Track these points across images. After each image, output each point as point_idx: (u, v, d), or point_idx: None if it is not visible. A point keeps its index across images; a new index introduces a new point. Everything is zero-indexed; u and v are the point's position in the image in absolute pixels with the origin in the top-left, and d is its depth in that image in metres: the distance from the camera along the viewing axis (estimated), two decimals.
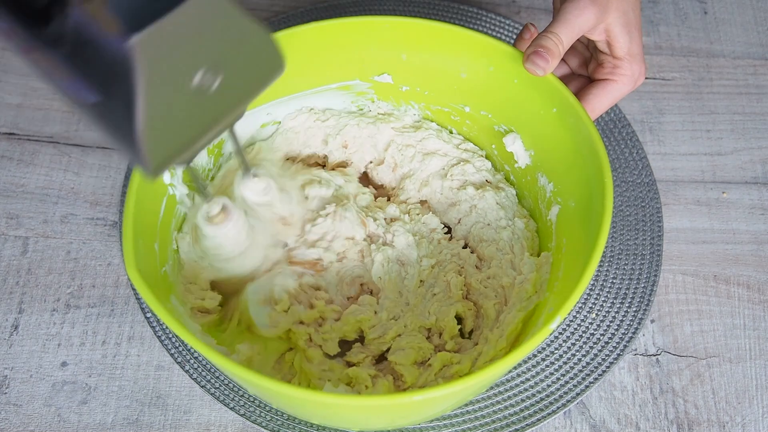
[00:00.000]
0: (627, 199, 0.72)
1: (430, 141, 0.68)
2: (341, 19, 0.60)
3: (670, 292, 0.68)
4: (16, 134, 0.75)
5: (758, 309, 0.67)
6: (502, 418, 0.61)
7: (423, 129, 0.68)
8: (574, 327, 0.65)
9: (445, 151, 0.68)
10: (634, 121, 0.77)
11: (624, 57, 0.58)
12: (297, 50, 0.59)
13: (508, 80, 0.60)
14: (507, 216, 0.64)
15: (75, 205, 0.71)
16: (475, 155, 0.68)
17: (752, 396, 0.63)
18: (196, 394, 0.62)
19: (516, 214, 0.65)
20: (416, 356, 0.58)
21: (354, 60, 0.64)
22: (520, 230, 0.63)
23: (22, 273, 0.67)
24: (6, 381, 0.62)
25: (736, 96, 0.79)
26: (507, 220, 0.64)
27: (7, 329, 0.65)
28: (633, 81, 0.59)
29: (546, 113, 0.59)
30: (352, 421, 0.55)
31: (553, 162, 0.61)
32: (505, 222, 0.64)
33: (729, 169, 0.75)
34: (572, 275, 0.52)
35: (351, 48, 0.62)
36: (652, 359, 0.65)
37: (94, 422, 0.61)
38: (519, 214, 0.65)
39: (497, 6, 0.85)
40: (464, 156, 0.68)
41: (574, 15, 0.55)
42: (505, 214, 0.64)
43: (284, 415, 0.61)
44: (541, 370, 0.63)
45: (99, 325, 0.65)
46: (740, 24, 0.84)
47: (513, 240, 0.63)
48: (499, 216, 0.64)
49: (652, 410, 0.62)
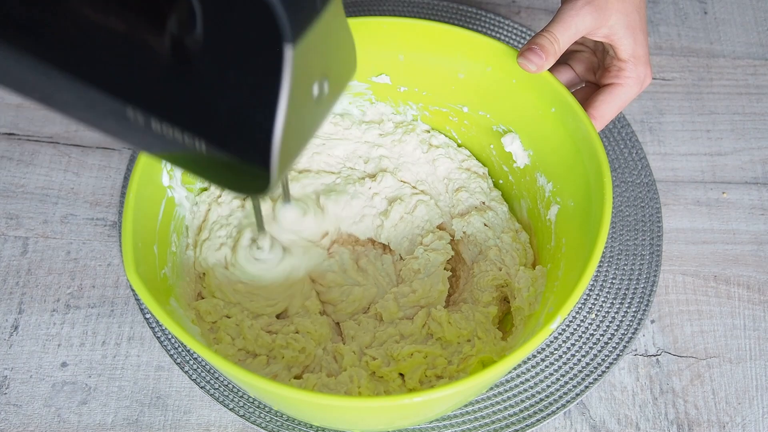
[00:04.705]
0: (627, 199, 0.72)
1: (441, 161, 0.68)
2: None
3: (670, 292, 0.68)
4: (16, 134, 0.75)
5: (758, 309, 0.67)
6: (502, 418, 0.61)
7: (433, 147, 0.69)
8: (574, 327, 0.65)
9: (448, 175, 0.68)
10: (634, 121, 0.77)
11: (628, 59, 0.58)
12: None
13: (506, 80, 0.60)
14: (495, 234, 0.65)
15: (75, 205, 0.71)
16: (472, 177, 0.68)
17: (752, 396, 0.63)
18: (196, 395, 0.62)
19: (504, 230, 0.65)
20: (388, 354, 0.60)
21: None
22: (507, 244, 0.64)
23: (22, 273, 0.67)
24: (6, 381, 0.62)
25: (736, 96, 0.79)
26: (494, 239, 0.64)
27: (7, 329, 0.65)
28: (639, 83, 0.59)
29: (545, 113, 0.59)
30: (352, 422, 0.55)
31: (551, 162, 0.61)
32: (493, 241, 0.64)
33: (729, 169, 0.75)
34: (572, 275, 0.52)
35: None
36: (652, 359, 0.65)
37: (94, 423, 0.61)
38: (507, 230, 0.65)
39: (497, 6, 0.85)
40: (461, 181, 0.68)
41: (570, 15, 0.55)
42: (493, 233, 0.65)
43: (284, 416, 0.61)
44: (541, 371, 0.63)
45: (99, 325, 0.65)
46: (740, 24, 0.84)
47: (502, 254, 0.63)
48: (486, 236, 0.65)
49: (652, 411, 0.62)
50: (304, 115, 0.37)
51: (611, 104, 0.59)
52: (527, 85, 0.59)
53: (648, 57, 0.59)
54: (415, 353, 0.59)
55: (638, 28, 0.57)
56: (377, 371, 0.58)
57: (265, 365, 0.58)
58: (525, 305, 0.59)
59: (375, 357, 0.59)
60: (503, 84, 0.60)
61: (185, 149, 0.37)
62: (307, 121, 0.38)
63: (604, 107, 0.59)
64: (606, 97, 0.59)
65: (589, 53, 0.63)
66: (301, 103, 0.35)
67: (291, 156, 0.38)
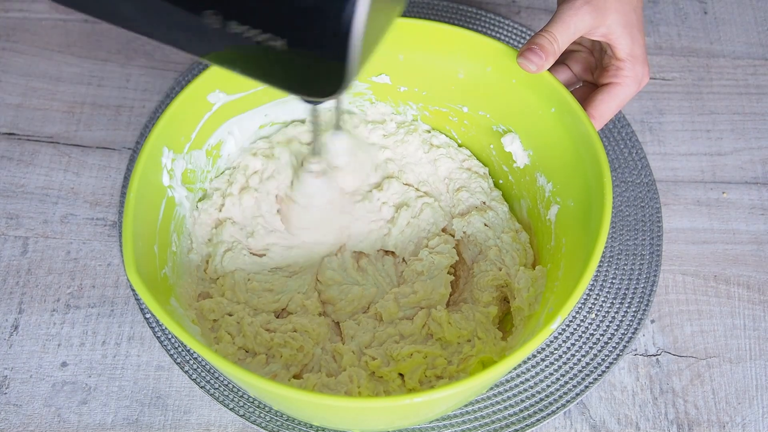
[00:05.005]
0: (627, 199, 0.72)
1: (442, 161, 0.68)
2: None
3: (670, 292, 0.68)
4: (16, 134, 0.75)
5: (758, 309, 0.67)
6: (502, 418, 0.61)
7: (434, 147, 0.69)
8: (574, 327, 0.65)
9: (449, 175, 0.68)
10: (634, 121, 0.77)
11: (626, 59, 0.58)
12: None
13: (506, 80, 0.60)
14: (495, 234, 0.65)
15: (75, 205, 0.71)
16: (473, 177, 0.68)
17: (752, 396, 0.63)
18: (196, 395, 0.62)
19: (504, 230, 0.65)
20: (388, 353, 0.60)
21: None
22: (507, 244, 0.64)
23: (22, 273, 0.67)
24: (6, 381, 0.62)
25: (736, 96, 0.79)
26: (494, 239, 0.64)
27: (7, 329, 0.65)
28: (637, 82, 0.59)
29: (544, 113, 0.59)
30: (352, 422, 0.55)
31: (551, 162, 0.61)
32: (493, 241, 0.64)
33: (729, 169, 0.75)
34: (572, 275, 0.52)
35: None
36: (652, 359, 0.65)
37: (94, 422, 0.61)
38: (507, 230, 0.65)
39: (497, 6, 0.85)
40: (462, 181, 0.68)
41: (569, 15, 0.56)
42: (493, 233, 0.65)
43: (284, 416, 0.61)
44: (541, 371, 0.63)
45: (99, 325, 0.65)
46: (740, 24, 0.84)
47: (502, 254, 0.63)
48: (487, 236, 0.65)
49: (652, 410, 0.62)
50: (382, 6, 0.37)
51: (610, 103, 0.59)
52: (527, 85, 0.59)
53: (645, 56, 0.59)
54: (414, 353, 0.59)
55: (636, 28, 0.57)
56: (377, 371, 0.58)
57: (265, 364, 0.58)
58: (525, 305, 0.59)
59: (374, 357, 0.59)
60: (503, 84, 0.60)
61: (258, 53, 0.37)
62: (384, 12, 0.38)
63: (602, 106, 0.59)
64: (604, 96, 0.59)
65: (586, 53, 0.63)
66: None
67: (368, 49, 0.38)
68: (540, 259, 0.63)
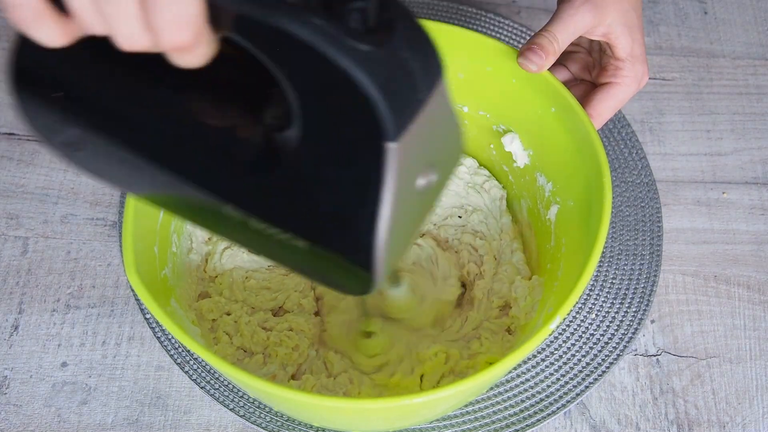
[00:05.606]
0: (626, 199, 0.72)
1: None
2: None
3: (670, 292, 0.68)
4: (16, 134, 0.75)
5: (758, 309, 0.67)
6: (502, 418, 0.61)
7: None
8: (574, 327, 0.65)
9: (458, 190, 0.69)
10: (634, 122, 0.77)
11: (626, 58, 0.58)
12: None
13: (506, 80, 0.60)
14: (493, 238, 0.65)
15: (75, 205, 0.71)
16: (484, 186, 0.68)
17: (752, 396, 0.63)
18: (196, 395, 0.62)
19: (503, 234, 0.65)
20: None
21: None
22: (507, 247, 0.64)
23: (22, 273, 0.67)
24: (6, 381, 0.62)
25: (736, 96, 0.79)
26: (493, 241, 0.65)
27: (7, 329, 0.65)
28: (637, 82, 0.59)
29: (544, 113, 0.59)
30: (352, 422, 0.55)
31: (551, 161, 0.61)
32: (491, 245, 0.65)
33: (729, 169, 0.75)
34: (571, 275, 0.52)
35: None
36: (652, 359, 0.65)
37: (94, 423, 0.61)
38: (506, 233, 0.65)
39: (497, 6, 0.85)
40: (470, 201, 0.68)
41: (569, 14, 0.55)
42: (492, 236, 0.65)
43: (284, 417, 0.61)
44: (541, 371, 0.63)
45: (99, 325, 0.65)
46: (740, 24, 0.84)
47: (501, 261, 0.63)
48: (485, 241, 0.65)
49: (652, 411, 0.62)
50: (409, 211, 0.34)
51: (609, 103, 0.59)
52: (527, 85, 0.59)
53: (645, 56, 0.59)
54: (439, 353, 0.59)
55: (635, 27, 0.57)
56: (400, 383, 0.59)
57: (262, 364, 0.58)
58: (521, 314, 0.59)
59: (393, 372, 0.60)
60: (503, 84, 0.60)
61: (282, 247, 0.35)
62: (412, 216, 0.35)
63: (601, 106, 0.59)
64: (604, 95, 0.59)
65: (584, 53, 0.63)
66: (405, 199, 0.33)
67: (395, 255, 0.36)
68: (540, 259, 0.63)
